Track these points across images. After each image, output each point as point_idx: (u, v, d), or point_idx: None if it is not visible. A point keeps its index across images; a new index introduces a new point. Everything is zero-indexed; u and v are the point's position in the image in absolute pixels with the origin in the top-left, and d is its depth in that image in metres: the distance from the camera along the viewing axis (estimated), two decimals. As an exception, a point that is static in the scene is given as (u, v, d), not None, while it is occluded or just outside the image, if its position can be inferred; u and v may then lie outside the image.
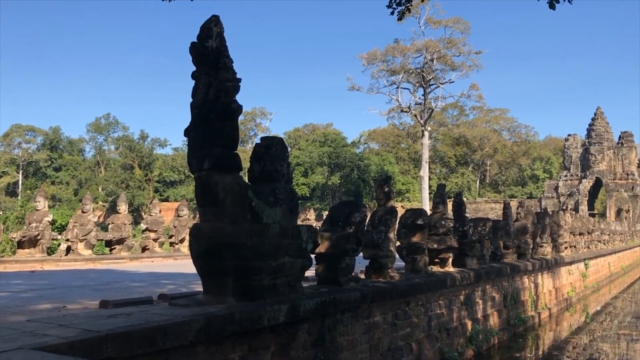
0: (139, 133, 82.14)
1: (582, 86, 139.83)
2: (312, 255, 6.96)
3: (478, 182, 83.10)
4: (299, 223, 6.89)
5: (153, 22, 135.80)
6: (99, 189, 72.05)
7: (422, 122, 53.31)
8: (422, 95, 54.45)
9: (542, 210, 20.99)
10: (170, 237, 21.42)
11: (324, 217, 8.30)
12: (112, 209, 52.94)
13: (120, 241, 19.06)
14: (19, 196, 62.26)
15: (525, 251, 15.41)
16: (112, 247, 19.14)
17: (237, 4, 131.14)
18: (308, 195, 69.01)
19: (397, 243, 9.78)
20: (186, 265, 10.74)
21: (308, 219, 30.10)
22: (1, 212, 34.54)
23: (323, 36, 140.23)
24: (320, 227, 7.89)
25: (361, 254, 8.25)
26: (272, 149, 6.42)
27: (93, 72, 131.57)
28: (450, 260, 10.84)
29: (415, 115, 54.75)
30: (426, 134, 53.41)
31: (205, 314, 5.02)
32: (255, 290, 5.82)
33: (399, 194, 69.67)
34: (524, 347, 12.46)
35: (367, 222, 8.35)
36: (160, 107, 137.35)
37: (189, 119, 5.86)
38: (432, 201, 11.39)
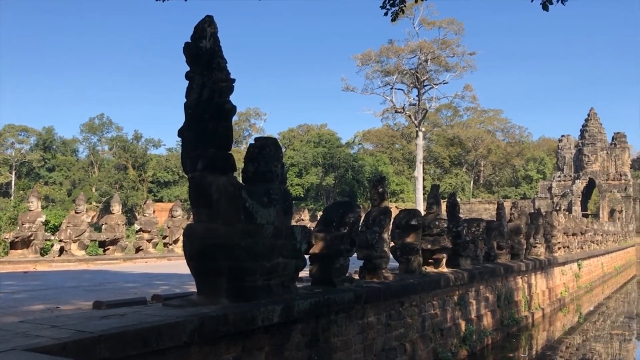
0: (132, 133, 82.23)
1: (576, 87, 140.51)
2: (306, 256, 6.96)
3: (472, 182, 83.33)
4: (293, 224, 6.89)
5: (147, 22, 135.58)
6: (93, 189, 71.82)
7: (416, 122, 53.39)
8: (416, 96, 54.55)
9: (536, 211, 21.08)
10: (164, 237, 21.37)
11: (319, 217, 8.30)
12: (106, 209, 52.76)
13: (114, 242, 19.01)
14: (12, 197, 61.89)
15: (518, 252, 15.46)
16: (106, 248, 19.08)
17: (232, 4, 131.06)
18: (302, 195, 69.03)
19: (391, 244, 9.79)
20: (180, 265, 10.71)
21: (302, 220, 30.10)
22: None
23: (317, 37, 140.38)
24: (314, 228, 7.90)
25: (355, 255, 8.26)
26: (266, 150, 6.41)
27: (87, 72, 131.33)
28: (444, 260, 10.86)
29: (410, 116, 54.85)
30: (420, 134, 53.49)
31: (199, 314, 5.02)
32: (249, 291, 5.81)
33: (393, 194, 69.78)
34: (518, 347, 12.50)
35: (361, 222, 8.35)
36: (154, 108, 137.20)
37: (183, 119, 5.86)
38: (426, 202, 11.40)
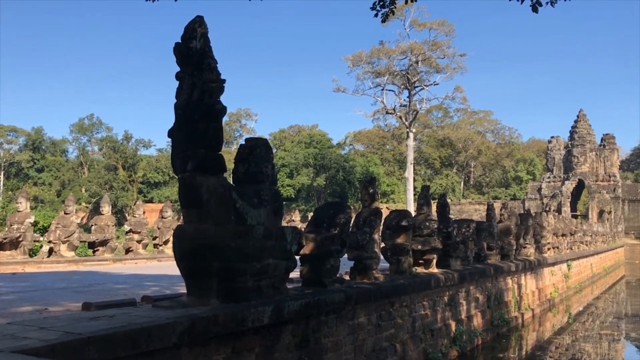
0: (122, 134, 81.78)
1: (565, 89, 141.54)
2: (297, 257, 6.95)
3: (462, 183, 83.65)
4: (284, 224, 6.88)
5: (137, 22, 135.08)
6: (82, 190, 71.43)
7: (407, 123, 53.53)
8: (407, 97, 54.74)
9: (525, 212, 21.17)
10: (154, 238, 21.27)
11: (309, 218, 8.31)
12: (96, 210, 52.58)
13: (104, 243, 18.89)
14: (0, 197, 61.50)
15: (508, 252, 15.52)
16: (95, 249, 18.96)
17: (223, 5, 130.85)
18: (293, 196, 69.00)
19: (382, 244, 9.80)
20: (170, 266, 10.67)
21: (293, 220, 30.08)
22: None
23: (309, 37, 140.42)
24: (304, 229, 7.89)
25: (346, 255, 8.26)
26: (256, 150, 6.40)
27: (76, 73, 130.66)
28: (435, 261, 10.88)
29: (400, 117, 54.98)
30: (411, 135, 53.63)
31: (189, 315, 5.00)
32: (239, 292, 5.80)
33: (384, 195, 69.90)
34: (508, 347, 12.55)
35: (351, 223, 8.36)
36: (145, 108, 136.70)
37: (173, 119, 5.84)
38: (417, 202, 11.43)
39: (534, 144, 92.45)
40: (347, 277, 8.65)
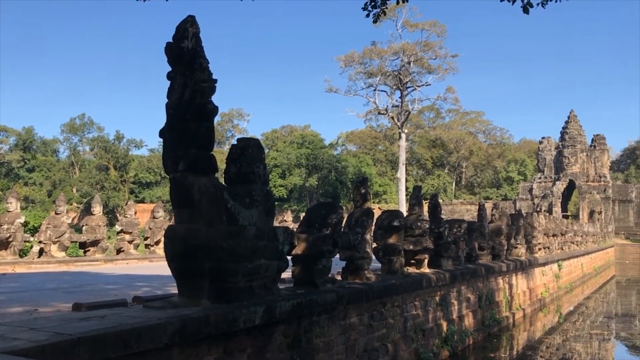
0: (114, 134, 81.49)
1: (556, 90, 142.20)
2: (289, 257, 6.95)
3: (454, 183, 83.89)
4: (276, 225, 6.87)
5: (129, 22, 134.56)
6: (73, 190, 71.07)
7: (399, 124, 53.63)
8: (399, 98, 54.84)
9: (517, 212, 21.26)
10: (146, 239, 21.18)
11: (302, 218, 8.31)
12: (87, 210, 52.32)
13: (95, 243, 18.79)
14: (-9, 197, 61.08)
15: (499, 252, 15.58)
16: (86, 249, 18.85)
17: (215, 5, 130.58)
18: (286, 196, 68.97)
19: (374, 244, 9.81)
20: (162, 267, 10.63)
21: (285, 221, 30.05)
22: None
23: (301, 38, 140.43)
24: (296, 229, 7.89)
25: (338, 256, 8.26)
26: (248, 150, 6.39)
27: (68, 72, 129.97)
28: (426, 261, 10.91)
29: (393, 118, 55.09)
30: (403, 136, 53.74)
31: (180, 316, 4.99)
32: (231, 292, 5.79)
33: (376, 195, 70.01)
34: (499, 347, 12.59)
35: (343, 223, 8.36)
36: (136, 108, 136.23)
37: (165, 119, 5.82)
38: (408, 203, 11.45)
39: (525, 144, 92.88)
40: (339, 277, 8.66)
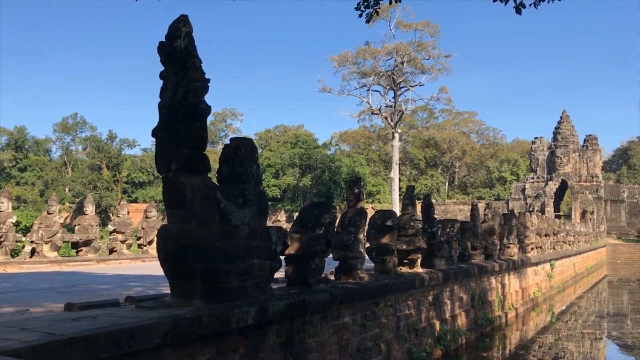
0: (107, 133, 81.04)
1: (549, 90, 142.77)
2: (282, 257, 6.94)
3: (447, 183, 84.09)
4: (270, 224, 6.87)
5: (122, 22, 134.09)
6: (66, 190, 70.75)
7: (392, 124, 53.73)
8: (393, 98, 54.96)
9: (509, 212, 21.34)
10: (139, 238, 21.12)
11: (295, 218, 8.31)
12: (79, 210, 52.10)
13: (87, 243, 18.72)
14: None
15: (492, 252, 15.62)
16: (79, 249, 18.78)
17: (208, 5, 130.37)
18: (279, 196, 68.93)
19: (367, 244, 9.82)
20: (154, 267, 10.61)
21: (279, 221, 30.05)
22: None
23: (294, 37, 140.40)
24: (290, 229, 7.88)
25: (331, 255, 8.27)
26: (241, 150, 6.37)
27: (60, 72, 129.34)
28: (419, 261, 10.92)
29: (386, 118, 55.19)
30: (396, 136, 53.84)
31: (173, 316, 4.97)
32: (223, 292, 5.78)
33: (370, 195, 70.09)
34: (491, 346, 12.63)
35: (337, 223, 8.36)
36: (129, 107, 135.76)
37: (158, 119, 5.80)
38: (402, 202, 11.46)
39: (518, 144, 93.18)
40: (332, 277, 8.66)
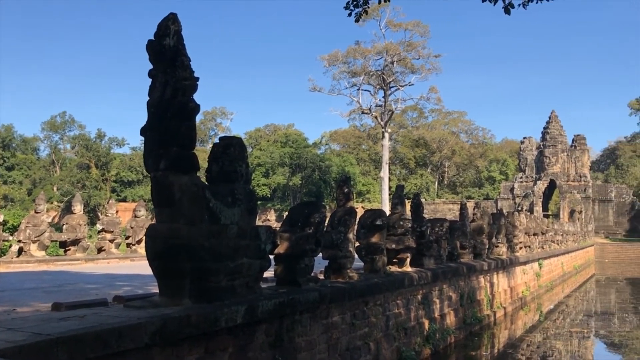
0: (95, 132, 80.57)
1: (537, 90, 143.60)
2: (271, 256, 6.93)
3: (436, 183, 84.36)
4: (259, 224, 6.86)
5: (110, 20, 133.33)
6: (54, 188, 70.29)
7: (382, 123, 53.83)
8: (383, 97, 55.07)
9: (498, 211, 21.44)
10: (127, 238, 21.01)
11: (285, 217, 8.31)
12: (67, 209, 51.74)
13: (75, 242, 18.60)
14: (-31, 196, 60.19)
15: (481, 251, 15.69)
16: (67, 249, 18.66)
17: (198, 4, 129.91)
18: (269, 195, 68.81)
19: (356, 243, 9.83)
20: (143, 266, 10.56)
21: (269, 220, 30.02)
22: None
23: (285, 37, 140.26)
24: (279, 228, 7.87)
25: (320, 255, 8.26)
26: (230, 149, 6.36)
27: (48, 70, 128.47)
28: (408, 260, 10.95)
29: (376, 117, 55.27)
30: (386, 135, 53.93)
31: (161, 315, 4.96)
32: (212, 291, 5.76)
33: (360, 194, 70.16)
34: (480, 345, 12.68)
35: (326, 222, 8.36)
36: (118, 106, 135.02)
37: (146, 117, 5.77)
38: (391, 202, 11.48)
39: (507, 144, 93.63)
40: (321, 276, 8.66)
